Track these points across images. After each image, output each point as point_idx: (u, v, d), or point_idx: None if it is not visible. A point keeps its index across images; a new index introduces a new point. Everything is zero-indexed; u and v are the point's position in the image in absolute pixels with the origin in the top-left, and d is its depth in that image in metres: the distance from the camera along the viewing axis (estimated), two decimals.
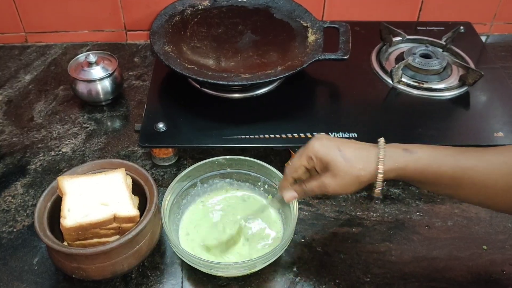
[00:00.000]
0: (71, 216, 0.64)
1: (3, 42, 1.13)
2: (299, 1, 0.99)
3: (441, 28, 1.07)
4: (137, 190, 0.72)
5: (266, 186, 0.77)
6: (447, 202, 0.80)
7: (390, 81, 0.93)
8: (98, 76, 0.93)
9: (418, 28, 1.09)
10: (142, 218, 0.66)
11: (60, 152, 0.88)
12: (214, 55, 0.91)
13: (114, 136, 0.91)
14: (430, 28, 1.08)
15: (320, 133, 0.79)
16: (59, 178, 0.68)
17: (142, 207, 0.69)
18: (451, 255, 0.73)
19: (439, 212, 0.79)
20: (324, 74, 0.95)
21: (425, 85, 0.92)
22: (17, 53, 1.11)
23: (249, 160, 0.76)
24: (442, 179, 0.59)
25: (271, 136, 0.81)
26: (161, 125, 0.82)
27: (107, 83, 0.94)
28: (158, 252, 0.73)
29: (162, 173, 0.85)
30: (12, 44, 1.13)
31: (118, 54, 1.10)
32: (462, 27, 1.04)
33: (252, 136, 0.81)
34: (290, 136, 0.81)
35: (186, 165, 0.86)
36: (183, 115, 0.86)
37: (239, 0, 1.02)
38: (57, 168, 0.85)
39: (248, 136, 0.81)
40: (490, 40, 1.18)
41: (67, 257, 0.64)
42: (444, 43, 1.01)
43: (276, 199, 0.72)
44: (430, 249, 0.74)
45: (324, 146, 0.61)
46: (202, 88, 0.90)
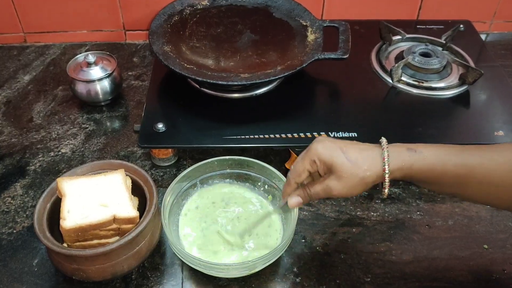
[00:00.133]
0: (71, 217, 0.64)
1: (2, 43, 1.13)
2: (299, 0, 0.99)
3: (440, 27, 1.07)
4: (136, 191, 0.71)
5: (266, 186, 0.77)
6: (447, 201, 0.80)
7: (390, 80, 0.93)
8: (97, 77, 0.92)
9: (418, 26, 1.08)
10: (142, 219, 0.66)
11: (60, 153, 0.88)
12: (213, 55, 0.91)
13: (114, 136, 0.91)
14: (429, 26, 1.08)
15: (320, 135, 0.80)
16: (59, 180, 0.68)
17: (142, 208, 0.69)
18: (452, 255, 0.73)
19: (440, 211, 0.79)
20: (324, 74, 0.94)
21: (425, 84, 0.92)
22: (16, 53, 1.11)
23: (249, 160, 0.76)
24: (448, 178, 0.59)
25: (271, 136, 0.81)
26: (160, 125, 0.82)
27: (106, 83, 0.94)
28: (158, 253, 0.72)
29: (162, 173, 0.85)
30: (11, 44, 1.13)
31: (117, 54, 1.10)
32: (461, 26, 1.04)
33: (251, 136, 0.81)
34: (290, 136, 0.81)
35: (186, 165, 0.86)
36: (183, 115, 0.85)
37: None
38: (56, 169, 0.85)
39: (247, 136, 0.81)
40: (489, 39, 1.17)
41: (67, 258, 0.64)
42: (444, 42, 1.01)
43: (280, 206, 0.70)
44: (430, 248, 0.74)
45: (327, 149, 0.60)
46: (202, 88, 0.90)
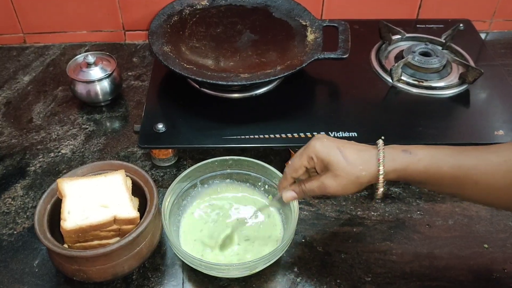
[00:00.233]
0: (71, 218, 0.64)
1: (2, 43, 1.13)
2: (298, 0, 0.99)
3: (440, 26, 1.07)
4: (137, 191, 0.71)
5: (266, 186, 0.77)
6: (447, 201, 0.80)
7: (389, 79, 0.93)
8: (97, 77, 0.92)
9: (418, 26, 1.08)
10: (143, 220, 0.66)
11: (60, 154, 0.88)
12: (213, 55, 0.91)
13: (114, 137, 0.91)
14: (429, 25, 1.08)
15: (320, 133, 0.80)
16: (59, 181, 0.68)
17: (142, 209, 0.69)
18: (452, 254, 0.73)
19: (440, 211, 0.79)
20: (324, 73, 0.94)
21: (425, 83, 0.92)
22: (15, 54, 1.11)
23: (249, 160, 0.76)
24: (444, 180, 0.59)
25: (271, 136, 0.81)
26: (160, 125, 0.82)
27: (106, 84, 0.94)
28: (159, 254, 0.72)
29: (162, 173, 0.85)
30: (11, 45, 1.13)
31: (117, 54, 1.10)
32: (461, 25, 1.04)
33: (251, 136, 0.81)
34: (290, 135, 0.81)
35: (186, 165, 0.86)
36: (183, 115, 0.85)
37: None
38: (56, 169, 0.85)
39: (247, 136, 0.81)
40: (489, 37, 1.17)
41: (67, 259, 0.64)
42: (444, 41, 1.01)
43: (276, 199, 0.72)
44: (431, 248, 0.74)
45: (325, 147, 0.61)
46: (201, 88, 0.90)
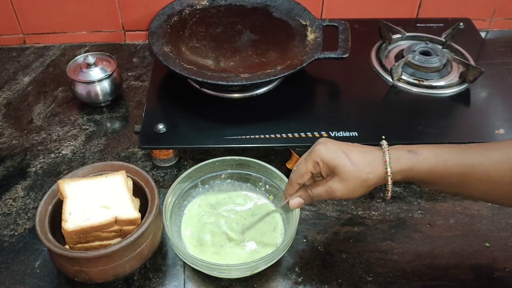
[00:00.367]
0: (73, 219, 0.64)
1: (1, 44, 1.13)
2: None
3: (440, 25, 1.07)
4: (138, 192, 0.71)
5: (267, 186, 0.77)
6: (448, 200, 0.80)
7: (390, 79, 0.93)
8: (97, 78, 0.92)
9: (418, 25, 1.08)
10: (144, 221, 0.66)
11: (60, 154, 0.88)
12: (213, 55, 0.91)
13: (114, 137, 0.91)
14: (429, 25, 1.08)
15: (321, 135, 0.80)
16: (60, 182, 0.68)
17: (143, 209, 0.69)
18: (453, 253, 0.73)
19: (441, 210, 0.79)
20: (324, 73, 0.94)
21: (425, 82, 0.92)
22: (15, 54, 1.11)
23: (249, 160, 0.76)
24: (449, 178, 0.59)
25: (272, 136, 0.81)
26: (161, 126, 0.82)
27: (106, 84, 0.94)
28: (160, 254, 0.72)
29: (163, 174, 0.85)
30: (10, 46, 1.13)
31: (117, 54, 1.10)
32: (461, 24, 1.04)
33: (252, 136, 0.81)
34: (290, 135, 0.81)
35: (187, 166, 0.86)
36: (183, 115, 0.85)
37: None
38: (57, 170, 0.85)
39: (248, 136, 0.81)
40: (489, 36, 1.17)
41: (69, 260, 0.64)
42: (444, 40, 1.01)
43: (280, 206, 0.70)
44: (432, 247, 0.74)
45: (330, 151, 0.61)
46: (202, 88, 0.90)
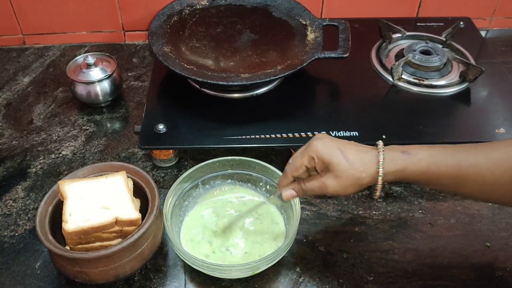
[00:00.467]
0: (73, 220, 0.64)
1: (1, 45, 1.13)
2: None
3: (440, 24, 1.07)
4: (138, 192, 0.71)
5: (268, 187, 0.77)
6: (449, 200, 0.80)
7: (390, 78, 0.93)
8: (97, 78, 0.92)
9: (418, 24, 1.08)
10: (144, 221, 0.66)
11: (60, 155, 0.88)
12: (213, 55, 0.91)
13: (114, 138, 0.91)
14: (429, 24, 1.08)
15: (321, 132, 0.80)
16: (60, 182, 0.68)
17: (143, 210, 0.69)
18: (454, 253, 0.73)
19: (442, 209, 0.79)
20: (324, 73, 0.94)
21: (425, 82, 0.92)
22: (15, 55, 1.11)
23: (250, 160, 0.76)
24: (443, 179, 0.59)
25: (272, 136, 0.81)
26: (161, 126, 0.82)
27: (106, 85, 0.93)
28: (161, 255, 0.72)
29: (163, 174, 0.85)
30: (10, 46, 1.13)
31: (117, 54, 1.10)
32: (461, 23, 1.04)
33: (252, 136, 0.81)
34: (290, 135, 0.81)
35: (187, 166, 0.85)
36: (183, 116, 0.85)
37: None
38: (57, 171, 0.85)
39: (248, 136, 0.81)
40: (489, 35, 1.17)
41: (69, 261, 0.64)
42: (444, 39, 1.00)
43: (276, 196, 0.71)
44: (433, 247, 0.73)
45: (326, 147, 0.61)
46: (202, 88, 0.90)
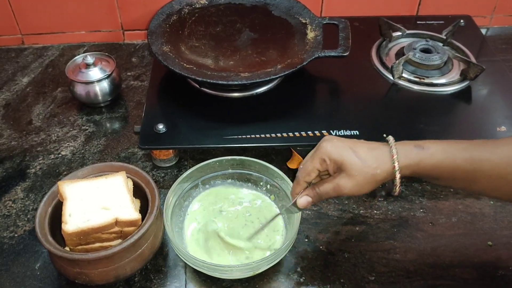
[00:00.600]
0: (73, 221, 0.64)
1: (0, 45, 1.12)
2: None
3: (441, 22, 1.06)
4: (138, 193, 0.71)
5: (268, 186, 0.76)
6: (450, 198, 0.80)
7: (391, 77, 0.92)
8: (96, 78, 0.92)
9: (418, 22, 1.08)
10: (144, 222, 0.65)
11: (60, 155, 0.87)
12: (213, 54, 0.90)
13: (114, 138, 0.91)
14: (430, 22, 1.07)
15: (322, 133, 0.80)
16: (60, 183, 0.68)
17: (144, 210, 0.69)
18: (456, 252, 0.72)
19: (443, 208, 0.78)
20: (324, 71, 0.94)
21: (426, 80, 0.92)
22: (13, 55, 1.10)
23: (250, 160, 0.75)
24: (457, 173, 0.59)
25: (272, 135, 0.80)
26: (160, 126, 0.81)
27: (105, 84, 0.93)
28: (161, 255, 0.72)
29: (163, 174, 0.84)
30: (9, 46, 1.12)
31: (116, 54, 1.09)
32: (462, 21, 1.03)
33: (252, 136, 0.80)
34: (291, 134, 0.80)
35: (187, 166, 0.85)
36: (183, 115, 0.85)
37: None
38: (57, 171, 0.84)
39: (248, 136, 0.80)
40: (490, 33, 1.17)
41: (69, 262, 0.64)
42: (445, 37, 1.00)
43: (290, 207, 0.68)
44: (434, 246, 0.73)
45: (337, 147, 0.61)
46: (201, 88, 0.90)
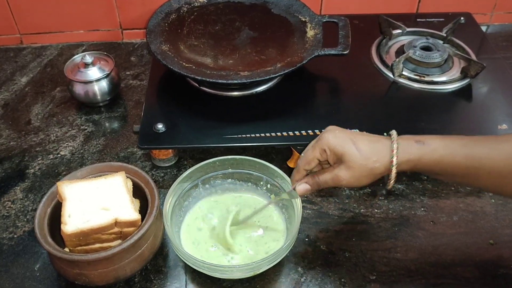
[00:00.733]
0: (72, 222, 0.63)
1: None
2: None
3: (441, 20, 1.06)
4: (137, 193, 0.71)
5: (269, 185, 0.76)
6: (451, 197, 0.79)
7: (391, 75, 0.92)
8: (95, 77, 0.91)
9: (418, 20, 1.07)
10: (144, 222, 0.65)
11: (59, 155, 0.87)
12: (212, 53, 0.90)
13: (113, 137, 0.90)
14: (430, 19, 1.07)
15: (321, 131, 0.79)
16: (59, 184, 0.67)
17: (143, 210, 0.68)
18: (457, 251, 0.72)
19: (444, 207, 0.78)
20: (324, 70, 0.93)
21: (426, 78, 0.91)
22: (12, 55, 1.10)
23: (250, 159, 0.75)
24: (458, 170, 0.59)
25: (272, 134, 0.80)
26: (160, 125, 0.81)
27: (104, 84, 0.93)
28: (161, 255, 0.72)
29: (163, 174, 0.84)
30: (7, 46, 1.12)
31: (115, 53, 1.09)
32: (462, 18, 1.03)
33: (252, 135, 0.80)
34: (291, 133, 0.80)
35: (187, 165, 0.85)
36: (182, 114, 0.85)
37: None
38: (56, 171, 0.84)
39: (248, 135, 0.80)
40: (490, 30, 1.16)
41: (69, 263, 0.63)
42: (445, 35, 1.00)
43: (288, 192, 0.69)
44: (435, 245, 0.73)
45: (338, 138, 0.61)
46: (201, 87, 0.89)
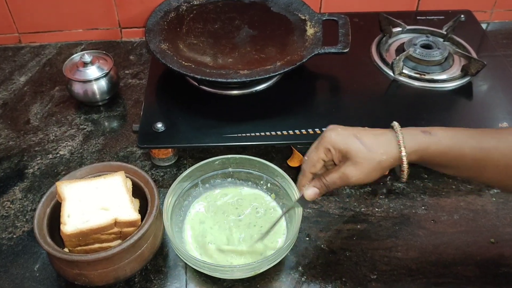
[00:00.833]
0: (71, 222, 0.63)
1: None
2: None
3: (441, 17, 1.05)
4: (137, 192, 0.70)
5: (269, 185, 0.76)
6: (452, 195, 0.79)
7: (391, 73, 0.91)
8: (94, 76, 0.91)
9: (418, 17, 1.07)
10: (144, 222, 0.65)
11: (58, 155, 0.86)
12: (211, 51, 0.89)
13: (112, 137, 0.90)
14: (430, 17, 1.06)
15: (322, 129, 0.79)
16: (58, 184, 0.67)
17: (143, 210, 0.68)
18: (458, 250, 0.72)
19: (445, 205, 0.78)
20: (324, 68, 0.93)
21: (426, 76, 0.91)
22: (11, 54, 1.09)
23: (250, 158, 0.75)
24: (464, 161, 0.58)
25: (272, 133, 0.80)
26: (159, 125, 0.80)
27: (103, 83, 0.92)
28: (161, 255, 0.71)
29: (162, 173, 0.83)
30: (6, 45, 1.11)
31: (113, 52, 1.08)
32: (462, 16, 1.02)
33: (252, 134, 0.80)
34: (291, 132, 0.80)
35: (186, 165, 0.84)
36: (182, 114, 0.84)
37: None
38: (55, 171, 0.84)
39: (248, 134, 0.80)
40: (490, 28, 1.16)
41: (68, 263, 0.63)
42: (445, 33, 0.99)
43: (297, 201, 0.66)
44: (436, 244, 0.73)
45: (341, 136, 0.60)
46: (200, 86, 0.89)
